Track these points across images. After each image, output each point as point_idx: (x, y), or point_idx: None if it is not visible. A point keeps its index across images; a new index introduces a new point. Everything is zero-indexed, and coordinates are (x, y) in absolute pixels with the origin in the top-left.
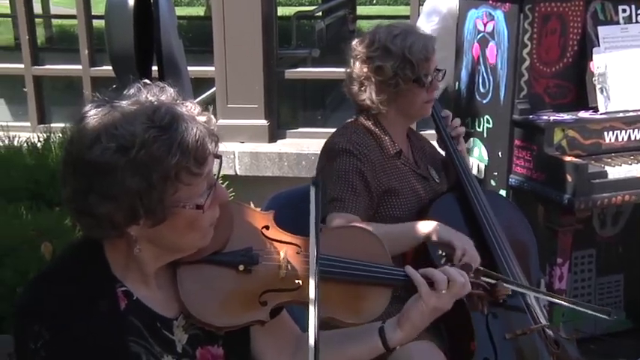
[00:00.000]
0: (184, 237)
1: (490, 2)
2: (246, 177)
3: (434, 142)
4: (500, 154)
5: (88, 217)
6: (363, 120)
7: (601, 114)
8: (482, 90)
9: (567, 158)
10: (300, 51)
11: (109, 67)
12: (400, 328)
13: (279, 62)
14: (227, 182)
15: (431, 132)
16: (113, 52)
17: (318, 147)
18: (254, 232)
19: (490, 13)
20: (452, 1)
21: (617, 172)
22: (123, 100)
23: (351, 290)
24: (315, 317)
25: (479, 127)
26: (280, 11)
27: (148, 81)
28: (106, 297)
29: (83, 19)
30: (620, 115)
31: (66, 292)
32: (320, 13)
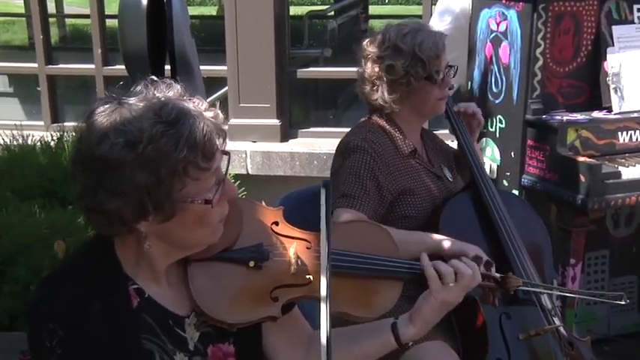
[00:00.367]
0: (193, 233)
1: (503, 1)
2: (258, 176)
3: (449, 142)
4: (512, 154)
5: (98, 214)
6: (376, 119)
7: (615, 114)
8: (494, 90)
9: (581, 158)
10: (312, 50)
11: (122, 67)
12: (412, 323)
13: (292, 62)
14: (239, 181)
15: (444, 132)
16: (126, 51)
17: (330, 146)
18: (264, 228)
19: (503, 13)
20: (464, 0)
21: (631, 172)
22: (130, 96)
23: (361, 284)
24: (328, 316)
25: (491, 127)
26: (292, 11)
27: (155, 77)
28: (119, 295)
29: (97, 19)
30: (635, 115)
31: (78, 290)
32: (332, 13)
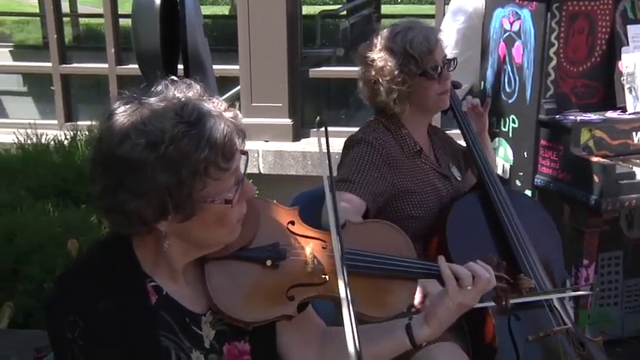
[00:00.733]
0: (212, 232)
1: (517, 1)
2: (270, 175)
3: (460, 141)
4: (525, 154)
5: (118, 214)
6: (381, 119)
7: (629, 114)
8: (508, 90)
9: (594, 159)
10: (324, 50)
11: (135, 66)
12: (427, 324)
13: (304, 61)
14: (251, 180)
15: (456, 131)
16: (140, 50)
17: (342, 146)
18: (280, 227)
19: (517, 12)
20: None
21: None
22: (151, 96)
23: (375, 284)
24: (351, 312)
25: (504, 127)
26: (305, 10)
27: (175, 78)
28: (136, 292)
29: (110, 18)
30: None
31: (93, 288)
32: (344, 12)
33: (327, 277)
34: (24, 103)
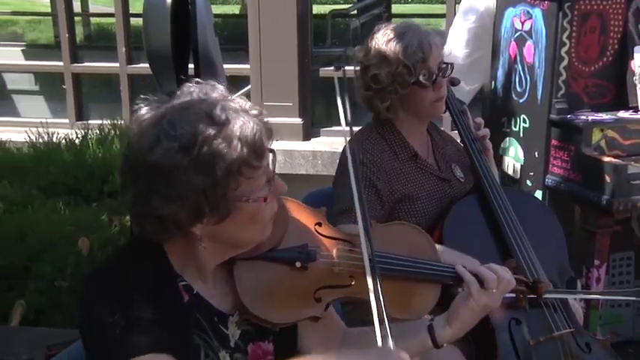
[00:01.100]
0: (246, 231)
1: (528, 0)
2: (280, 175)
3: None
4: (536, 154)
5: (153, 220)
6: (376, 124)
7: None
8: (518, 89)
9: (606, 159)
10: (334, 49)
11: (146, 65)
12: (450, 325)
13: (314, 60)
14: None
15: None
16: (150, 49)
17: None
18: (308, 228)
19: (528, 12)
20: None
21: None
22: (176, 100)
23: (401, 286)
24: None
25: (515, 127)
26: (315, 9)
27: (199, 80)
28: (170, 289)
29: (121, 18)
30: None
31: (130, 282)
32: (355, 12)
33: (354, 279)
34: (36, 102)
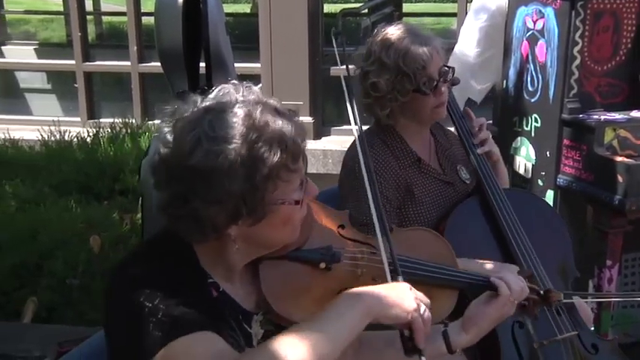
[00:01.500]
0: (278, 233)
1: None
2: None
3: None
4: (548, 153)
5: (189, 222)
6: (378, 130)
7: None
8: (530, 88)
9: (618, 158)
10: (345, 48)
11: (158, 63)
12: (465, 331)
13: (325, 59)
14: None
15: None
16: (162, 48)
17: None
18: (331, 230)
19: (540, 11)
20: None
21: None
22: (213, 101)
23: (422, 290)
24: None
25: (526, 126)
26: (326, 8)
27: (236, 82)
28: (200, 284)
29: (133, 16)
30: None
31: (165, 274)
32: (366, 11)
33: (376, 282)
34: (48, 101)
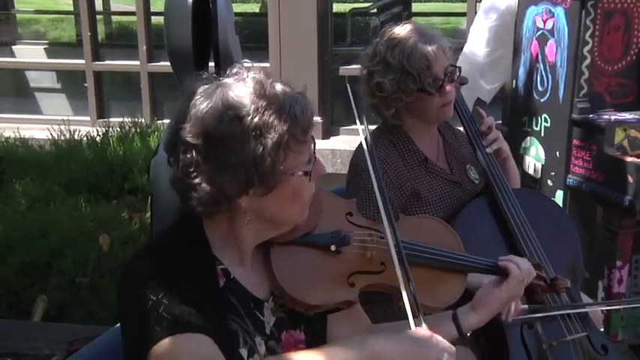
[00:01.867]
0: (287, 209)
1: None
2: None
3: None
4: (557, 153)
5: (202, 192)
6: (385, 130)
7: None
8: (540, 88)
9: (629, 159)
10: (354, 48)
11: (167, 63)
12: (475, 312)
13: (334, 59)
14: None
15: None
16: (171, 47)
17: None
18: (339, 217)
19: (550, 10)
20: None
21: None
22: (227, 77)
23: (429, 274)
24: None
25: (536, 126)
26: (335, 8)
27: (249, 64)
28: (209, 273)
29: (142, 16)
30: None
31: (172, 267)
32: (375, 10)
33: (385, 265)
34: (58, 100)
